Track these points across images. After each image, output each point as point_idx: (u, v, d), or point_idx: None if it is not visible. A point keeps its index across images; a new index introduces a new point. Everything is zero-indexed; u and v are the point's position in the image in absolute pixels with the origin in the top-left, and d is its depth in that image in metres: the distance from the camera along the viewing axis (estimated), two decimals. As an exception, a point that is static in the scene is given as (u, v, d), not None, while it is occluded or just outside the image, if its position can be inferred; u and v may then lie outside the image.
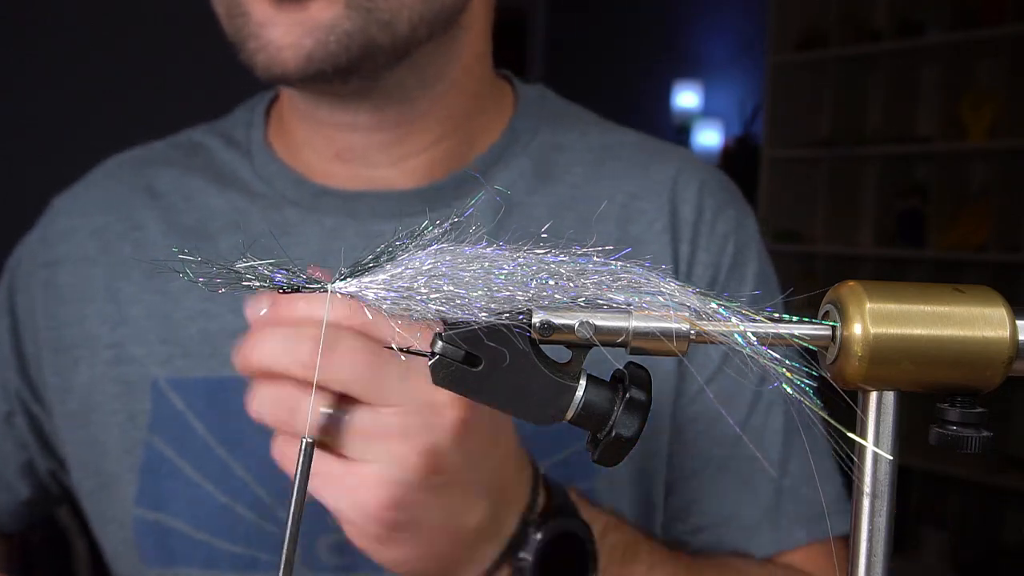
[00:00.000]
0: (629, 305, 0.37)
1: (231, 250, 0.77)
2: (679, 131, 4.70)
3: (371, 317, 0.38)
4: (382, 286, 0.38)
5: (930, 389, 0.38)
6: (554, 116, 0.86)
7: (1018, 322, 0.37)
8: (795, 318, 0.37)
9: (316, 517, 0.70)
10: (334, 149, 0.78)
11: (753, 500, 0.80)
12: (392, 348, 0.38)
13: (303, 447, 0.37)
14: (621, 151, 0.85)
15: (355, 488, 0.53)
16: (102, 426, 0.79)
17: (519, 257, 0.38)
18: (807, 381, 0.36)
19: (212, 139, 0.86)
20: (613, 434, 0.38)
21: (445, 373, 0.38)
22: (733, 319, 0.37)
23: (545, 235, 0.39)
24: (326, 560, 0.74)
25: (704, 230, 0.81)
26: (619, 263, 0.38)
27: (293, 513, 0.38)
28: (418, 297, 0.37)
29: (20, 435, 0.84)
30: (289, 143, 0.82)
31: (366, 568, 0.72)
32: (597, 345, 0.37)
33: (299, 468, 0.37)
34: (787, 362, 0.37)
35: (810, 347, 0.38)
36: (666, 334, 0.37)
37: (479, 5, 0.78)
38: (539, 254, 0.38)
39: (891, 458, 0.37)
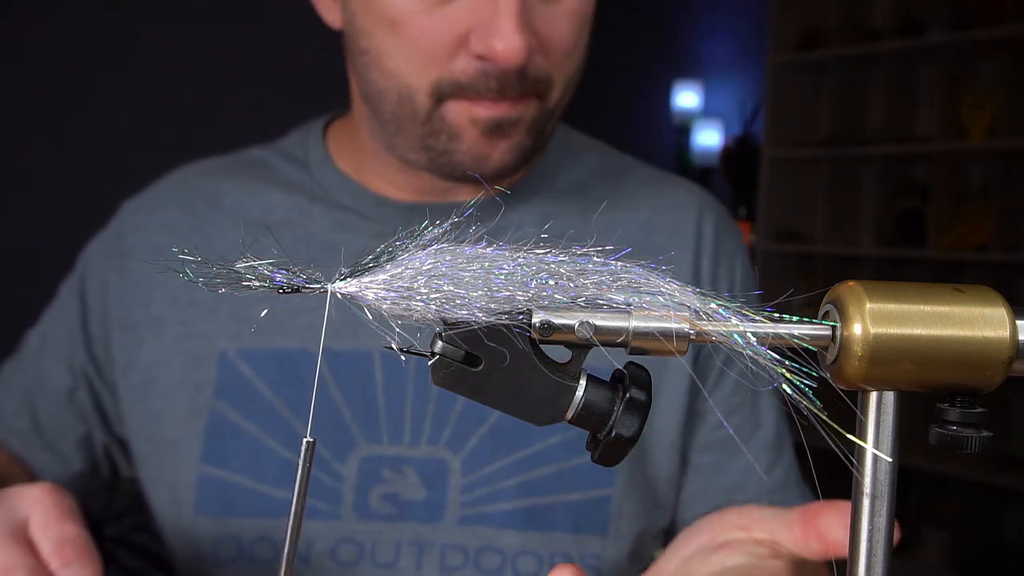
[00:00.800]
0: (629, 305, 0.37)
1: (293, 244, 0.89)
2: (679, 131, 4.70)
3: (370, 317, 0.38)
4: (382, 286, 0.38)
5: (930, 389, 0.38)
6: (579, 146, 0.99)
7: (1018, 322, 0.37)
8: (795, 318, 0.37)
9: (370, 470, 0.85)
10: (416, 185, 0.90)
11: (757, 479, 0.89)
12: (392, 348, 0.38)
13: (304, 446, 0.37)
14: (639, 174, 0.99)
15: None
16: (163, 397, 0.88)
17: (519, 257, 0.38)
18: (806, 381, 0.36)
19: (271, 156, 0.98)
20: (613, 434, 0.38)
21: (445, 373, 0.38)
22: (733, 319, 0.37)
23: (545, 235, 0.39)
24: (378, 509, 0.84)
25: (722, 248, 0.94)
26: (619, 263, 0.38)
27: (295, 509, 0.37)
28: (418, 297, 0.37)
29: (81, 409, 0.93)
30: (357, 164, 0.93)
31: (414, 519, 0.84)
32: (597, 345, 0.37)
33: (300, 466, 0.37)
34: (787, 362, 0.37)
35: (810, 347, 0.38)
36: (666, 334, 0.37)
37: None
38: (539, 254, 0.38)
39: (891, 459, 0.37)
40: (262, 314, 0.86)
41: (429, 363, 0.38)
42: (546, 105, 0.83)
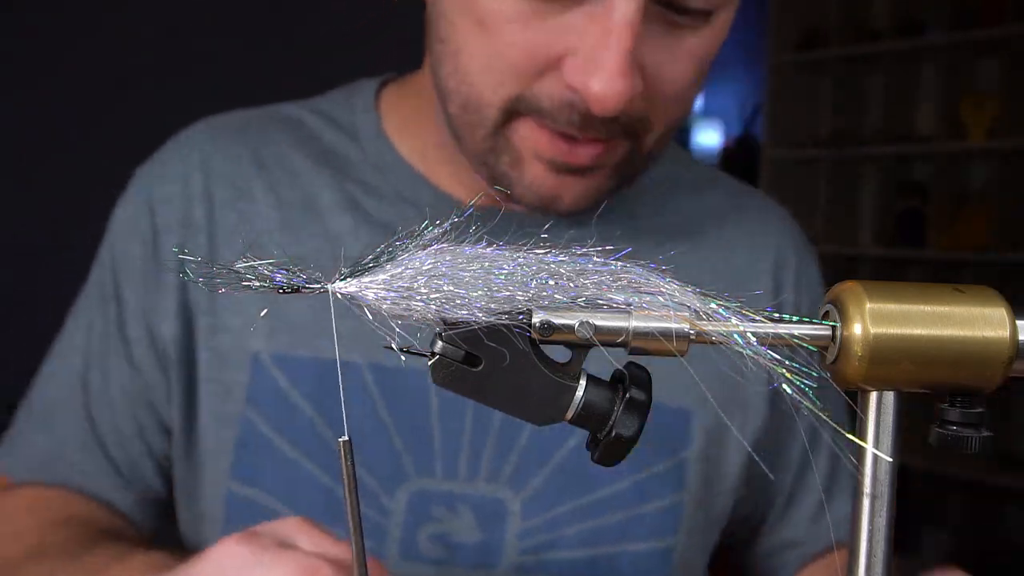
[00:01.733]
0: (629, 305, 0.37)
1: (344, 231, 0.78)
2: (679, 131, 4.69)
3: (370, 317, 0.38)
4: (382, 286, 0.38)
5: (930, 389, 0.37)
6: (685, 185, 0.88)
7: (1018, 322, 0.37)
8: (795, 318, 0.37)
9: (420, 507, 0.74)
10: (485, 187, 0.77)
11: (814, 527, 0.86)
12: (392, 348, 0.38)
13: (342, 447, 0.38)
14: (717, 187, 0.89)
15: None
16: (194, 393, 0.78)
17: (519, 257, 0.38)
18: (807, 381, 0.36)
19: (309, 116, 0.84)
20: (613, 434, 0.38)
21: (445, 373, 0.38)
22: (733, 319, 0.37)
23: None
24: (426, 551, 0.74)
25: (804, 278, 0.86)
26: (619, 263, 0.38)
27: (351, 513, 0.38)
28: (418, 297, 0.37)
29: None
30: (419, 145, 0.80)
31: (466, 563, 0.74)
32: (597, 345, 0.37)
33: (344, 467, 0.38)
34: (787, 362, 0.37)
35: (810, 347, 0.38)
36: (666, 334, 0.37)
37: None
38: (539, 254, 0.38)
39: (891, 459, 0.37)
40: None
41: (429, 363, 0.38)
42: (638, 147, 0.71)
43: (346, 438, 0.38)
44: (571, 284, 0.37)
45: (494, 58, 0.66)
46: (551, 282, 0.37)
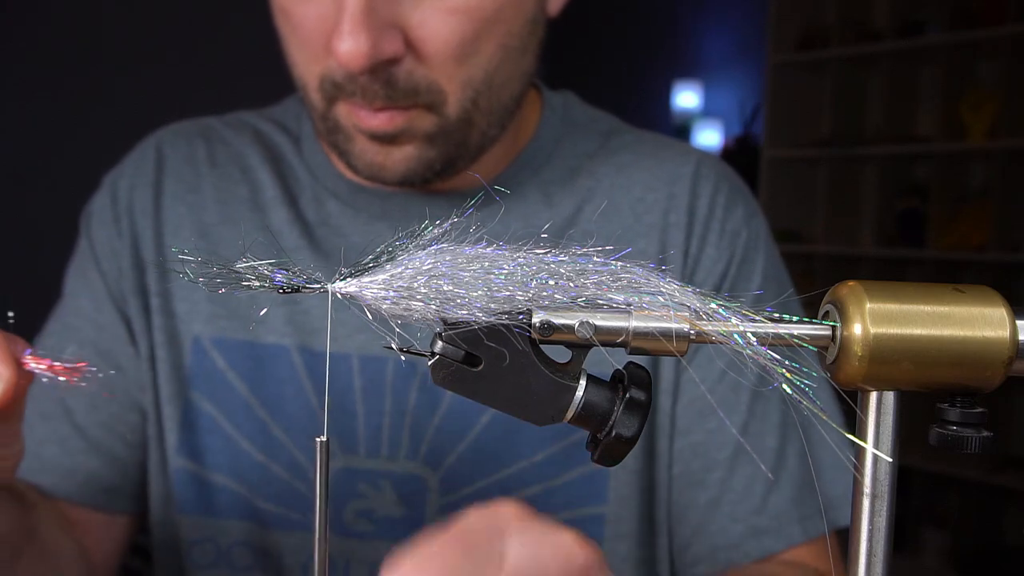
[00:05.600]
0: (629, 305, 0.37)
1: (280, 224, 0.84)
2: (679, 131, 4.70)
3: (370, 317, 0.38)
4: (382, 286, 0.38)
5: (930, 389, 0.37)
6: (578, 125, 0.90)
7: (1018, 322, 0.37)
8: (795, 318, 0.37)
9: (345, 483, 0.79)
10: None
11: (778, 491, 0.80)
12: (392, 348, 0.38)
13: (318, 447, 0.37)
14: (640, 148, 0.88)
15: None
16: (155, 373, 0.83)
17: (519, 257, 0.38)
18: (807, 381, 0.36)
19: (264, 123, 0.92)
20: (613, 434, 0.38)
21: (445, 373, 0.38)
22: (733, 319, 0.37)
23: (546, 235, 0.39)
24: (352, 526, 0.78)
25: (715, 227, 0.84)
26: (619, 263, 0.38)
27: (319, 514, 0.37)
28: (418, 297, 0.37)
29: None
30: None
31: (390, 537, 0.78)
32: (597, 345, 0.37)
33: (318, 467, 0.37)
34: (787, 362, 0.37)
35: (810, 347, 0.38)
36: (666, 334, 0.37)
37: (534, 33, 0.78)
38: (539, 254, 0.38)
39: (891, 459, 0.37)
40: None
41: (429, 363, 0.38)
42: (443, 117, 0.73)
43: (324, 438, 0.37)
44: (571, 284, 0.37)
45: (295, 38, 0.73)
46: (551, 282, 0.37)
